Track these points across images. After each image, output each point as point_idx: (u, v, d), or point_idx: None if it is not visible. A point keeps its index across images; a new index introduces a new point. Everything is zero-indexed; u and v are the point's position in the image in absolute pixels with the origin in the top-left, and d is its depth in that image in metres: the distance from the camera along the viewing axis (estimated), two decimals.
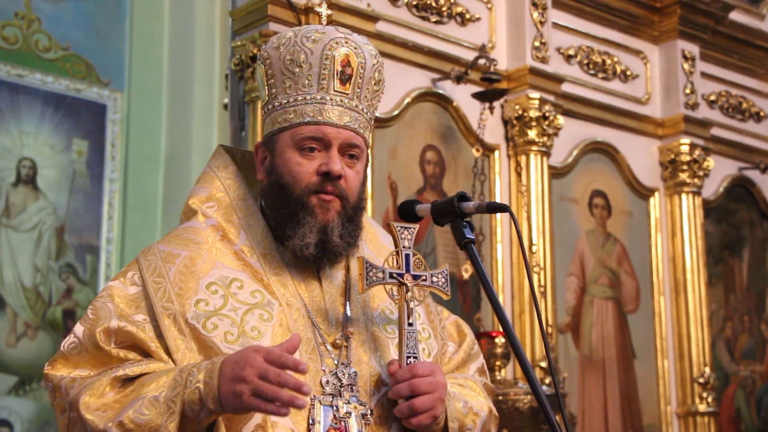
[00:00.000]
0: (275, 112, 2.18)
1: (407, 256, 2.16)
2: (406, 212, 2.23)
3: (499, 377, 4.76)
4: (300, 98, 2.15)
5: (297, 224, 2.13)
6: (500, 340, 4.74)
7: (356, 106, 2.18)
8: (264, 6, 4.61)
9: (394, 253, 2.17)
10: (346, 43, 2.18)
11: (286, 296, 2.14)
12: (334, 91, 2.16)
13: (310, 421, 2.04)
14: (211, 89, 6.00)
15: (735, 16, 6.67)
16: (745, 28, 6.79)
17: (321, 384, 2.08)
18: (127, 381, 2.00)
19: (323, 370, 2.10)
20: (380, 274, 2.12)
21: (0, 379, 5.70)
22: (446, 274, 2.21)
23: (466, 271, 4.93)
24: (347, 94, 2.17)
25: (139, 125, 6.34)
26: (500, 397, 4.61)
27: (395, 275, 2.14)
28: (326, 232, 2.13)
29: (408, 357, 2.11)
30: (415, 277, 2.16)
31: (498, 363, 4.77)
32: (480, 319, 5.06)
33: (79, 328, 2.09)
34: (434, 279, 2.18)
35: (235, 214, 2.22)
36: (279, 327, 2.09)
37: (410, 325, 2.13)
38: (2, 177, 5.89)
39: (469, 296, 5.10)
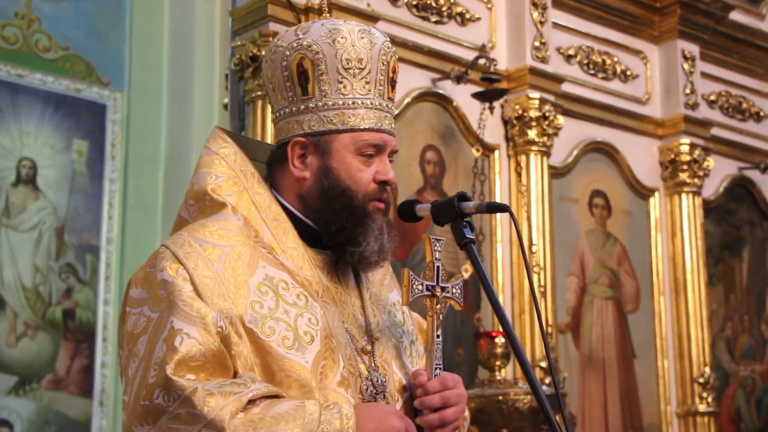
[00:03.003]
0: (328, 110, 2.10)
1: (438, 268, 2.17)
2: (406, 212, 2.22)
3: (499, 377, 4.76)
4: (359, 102, 2.11)
5: (366, 231, 2.10)
6: (500, 340, 4.74)
7: (394, 112, 2.20)
8: (264, 6, 4.61)
9: (429, 265, 2.17)
10: (392, 48, 2.19)
11: (324, 299, 2.10)
12: (388, 98, 2.16)
13: None
14: (211, 89, 6.00)
15: (735, 16, 6.67)
16: (745, 28, 6.80)
17: (361, 391, 2.06)
18: (253, 401, 1.92)
19: (360, 377, 2.08)
20: (420, 287, 2.13)
21: (0, 379, 5.69)
22: (461, 285, 2.21)
23: (466, 271, 4.93)
24: (393, 100, 2.19)
25: (139, 125, 6.33)
26: (500, 397, 4.61)
27: (429, 287, 2.15)
28: (383, 237, 2.12)
29: (435, 368, 2.11)
30: (443, 289, 2.17)
31: (498, 363, 4.76)
32: (480, 319, 5.06)
33: (187, 327, 1.93)
34: (453, 290, 2.19)
35: (255, 207, 2.13)
36: (323, 332, 2.05)
37: (438, 336, 2.14)
38: (2, 177, 5.89)
39: (469, 296, 5.10)
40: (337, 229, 2.10)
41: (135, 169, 6.29)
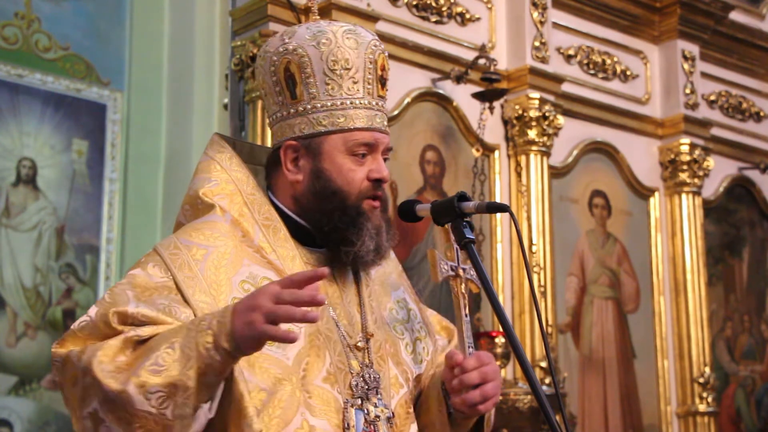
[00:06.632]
0: (317, 112, 2.13)
1: (457, 250, 2.22)
2: (406, 212, 2.23)
3: None
4: (348, 102, 2.13)
5: (360, 231, 2.11)
6: (500, 340, 4.74)
7: (386, 109, 2.21)
8: (264, 6, 4.61)
9: (450, 246, 2.21)
10: (380, 45, 2.20)
11: None
12: (378, 96, 2.17)
13: (345, 425, 2.03)
14: (211, 89, 6.00)
15: (735, 16, 6.67)
16: (745, 28, 6.80)
17: (350, 387, 2.06)
18: (139, 343, 1.92)
19: (351, 373, 2.08)
20: (445, 267, 2.18)
21: (0, 379, 5.69)
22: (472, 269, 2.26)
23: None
24: (384, 98, 2.20)
25: (139, 125, 6.33)
26: (500, 397, 4.60)
27: (453, 268, 2.21)
28: (380, 235, 2.14)
29: (468, 347, 2.15)
30: (464, 270, 2.23)
31: (498, 363, 4.76)
32: (480, 319, 5.06)
33: (93, 309, 2.00)
34: (471, 273, 2.24)
35: (247, 209, 2.16)
36: (309, 328, 2.05)
37: (466, 315, 2.18)
38: (2, 177, 5.89)
39: (470, 296, 5.10)
40: (330, 229, 2.13)
41: (135, 169, 6.28)
